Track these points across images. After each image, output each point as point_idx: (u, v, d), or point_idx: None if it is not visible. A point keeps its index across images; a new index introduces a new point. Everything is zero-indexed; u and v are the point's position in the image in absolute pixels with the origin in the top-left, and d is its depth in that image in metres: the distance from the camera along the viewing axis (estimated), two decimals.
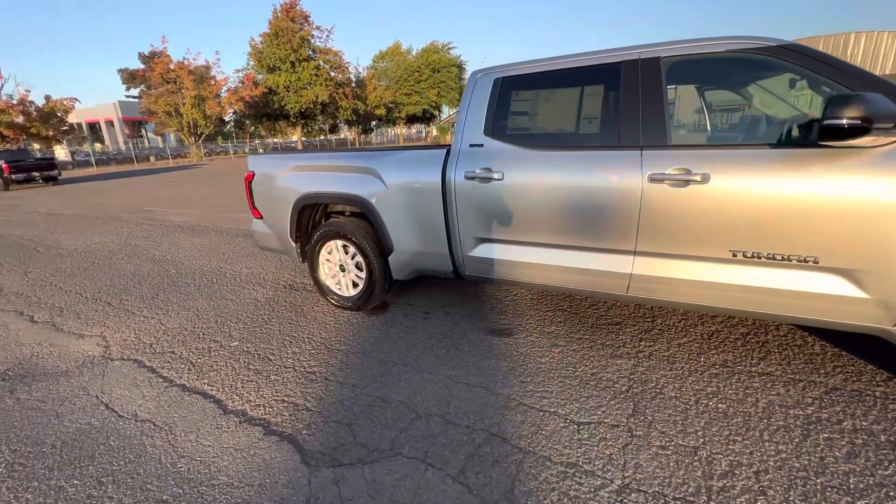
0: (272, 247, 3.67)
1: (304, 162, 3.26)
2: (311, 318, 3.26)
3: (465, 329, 2.97)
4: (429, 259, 2.90)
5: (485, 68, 2.63)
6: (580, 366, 2.44)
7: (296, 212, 3.28)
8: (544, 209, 2.35)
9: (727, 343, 2.59)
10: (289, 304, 3.57)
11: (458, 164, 2.59)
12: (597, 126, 2.31)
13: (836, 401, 2.02)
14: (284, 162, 3.35)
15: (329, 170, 3.13)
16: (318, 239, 3.27)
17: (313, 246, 3.31)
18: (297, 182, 3.24)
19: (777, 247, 1.92)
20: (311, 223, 3.50)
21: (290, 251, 3.49)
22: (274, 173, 3.37)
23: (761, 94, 2.41)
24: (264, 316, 3.35)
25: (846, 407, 1.98)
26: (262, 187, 3.47)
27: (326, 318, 3.24)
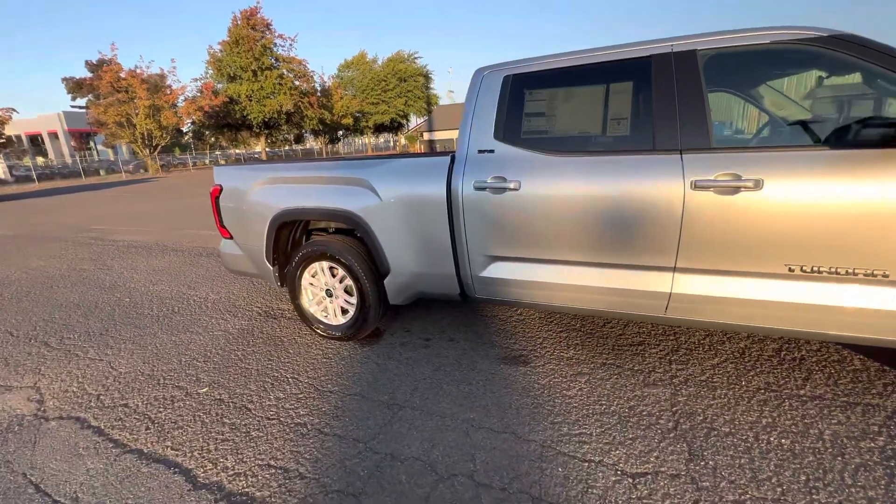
0: (245, 270, 3.22)
1: (282, 173, 2.85)
2: (294, 353, 2.83)
3: (473, 358, 2.63)
4: (432, 281, 2.55)
5: (491, 65, 2.33)
6: (613, 398, 2.15)
7: (273, 230, 2.85)
8: (569, 222, 2.07)
9: (762, 362, 2.38)
10: (267, 335, 3.12)
11: (465, 172, 2.27)
12: (626, 128, 2.06)
13: None
14: (257, 174, 2.92)
15: (311, 182, 2.74)
16: (300, 260, 2.85)
17: (295, 268, 2.90)
18: (273, 196, 2.82)
19: (840, 260, 1.70)
20: (291, 242, 3.08)
21: (267, 275, 3.05)
22: (245, 187, 2.94)
23: (814, 90, 2.24)
24: (238, 352, 2.89)
25: None
26: (232, 203, 3.02)
27: (313, 352, 2.82)
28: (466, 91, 2.38)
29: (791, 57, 1.93)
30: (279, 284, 3.06)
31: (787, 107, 2.37)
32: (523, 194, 2.13)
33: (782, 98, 2.34)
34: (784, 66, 2.13)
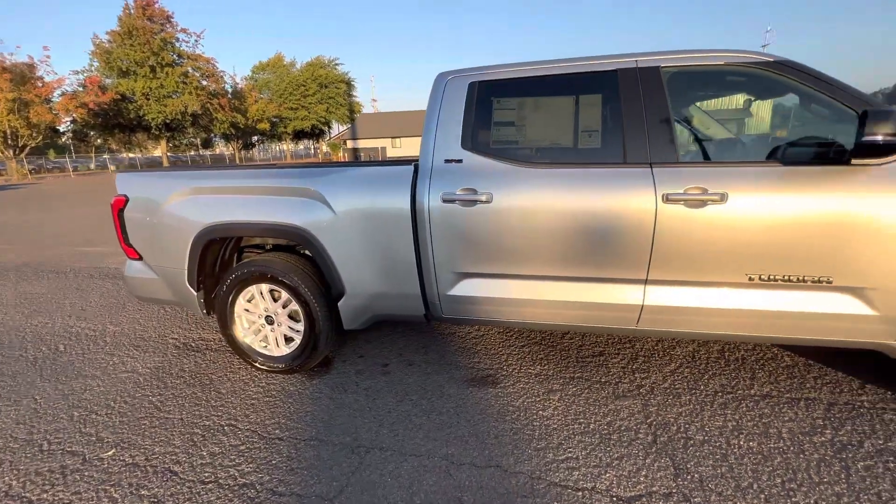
0: (158, 297, 2.69)
1: (210, 182, 2.42)
2: (227, 393, 2.39)
3: (439, 383, 2.44)
4: (394, 302, 2.32)
5: (455, 70, 2.20)
6: (590, 415, 2.10)
7: (197, 249, 2.41)
8: (544, 236, 1.99)
9: (712, 364, 2.52)
10: (189, 373, 2.62)
11: (431, 183, 2.10)
12: (598, 140, 2.05)
13: (841, 419, 1.99)
14: (177, 182, 2.46)
15: (248, 192, 2.36)
16: (232, 284, 2.44)
17: (226, 293, 2.47)
18: (198, 209, 2.39)
19: (793, 268, 1.83)
20: (220, 263, 2.64)
21: (188, 302, 2.58)
22: (161, 198, 2.45)
23: (762, 110, 2.42)
24: (154, 398, 2.37)
25: (853, 425, 1.95)
26: (142, 216, 2.51)
27: (251, 390, 2.41)
28: (429, 96, 2.21)
29: (742, 78, 2.07)
30: (204, 312, 2.60)
31: (740, 124, 2.57)
32: (496, 207, 2.01)
33: (736, 116, 2.54)
34: (735, 86, 2.30)
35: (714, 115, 2.58)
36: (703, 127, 2.56)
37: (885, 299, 1.78)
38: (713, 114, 2.58)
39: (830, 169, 1.74)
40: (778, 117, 2.89)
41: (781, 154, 1.91)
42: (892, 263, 1.73)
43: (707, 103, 2.78)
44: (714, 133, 2.65)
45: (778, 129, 2.84)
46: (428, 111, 2.21)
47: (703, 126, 2.57)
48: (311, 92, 43.66)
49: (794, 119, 2.63)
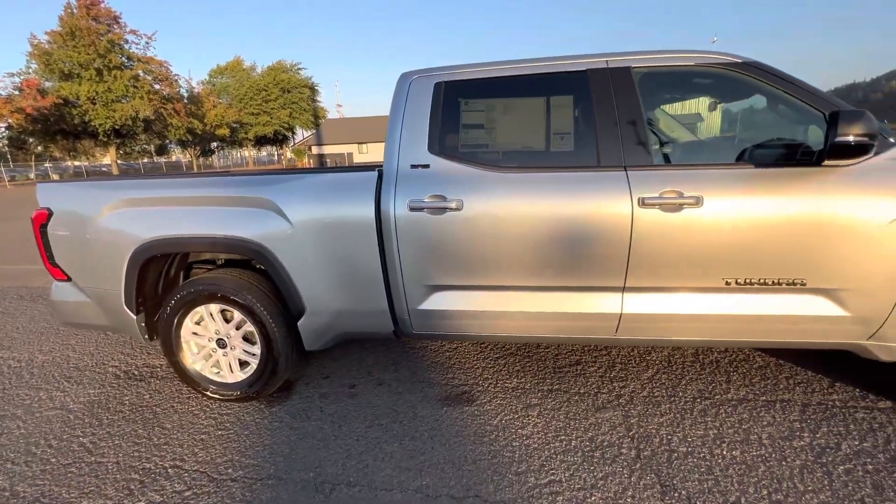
0: (90, 322, 2.39)
1: (148, 192, 2.17)
2: (173, 428, 2.14)
3: (411, 403, 2.28)
4: (359, 319, 2.15)
5: (419, 70, 2.07)
6: (571, 430, 2.00)
7: (135, 267, 2.15)
8: (519, 244, 1.88)
9: (687, 368, 2.49)
10: (130, 407, 2.33)
11: (397, 191, 1.95)
12: (570, 143, 1.97)
13: (816, 420, 1.99)
14: (110, 193, 2.19)
15: (193, 203, 2.13)
16: (178, 305, 2.19)
17: (170, 316, 2.21)
18: (136, 222, 2.13)
19: (768, 271, 1.80)
20: (163, 282, 2.38)
21: (126, 326, 2.30)
22: (91, 210, 2.18)
23: (734, 111, 2.41)
24: (85, 440, 2.08)
25: (829, 426, 1.95)
26: (70, 232, 2.22)
27: (201, 423, 2.17)
28: (393, 97, 2.07)
29: (711, 80, 2.04)
30: (146, 337, 2.33)
31: (713, 126, 2.57)
32: (466, 215, 1.88)
33: (707, 117, 2.53)
34: (704, 87, 2.28)
35: (692, 116, 2.57)
36: (672, 129, 2.55)
37: (857, 300, 1.78)
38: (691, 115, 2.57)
39: (802, 170, 1.72)
40: (727, 122, 2.94)
41: (749, 155, 1.89)
42: (863, 264, 1.73)
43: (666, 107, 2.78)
44: (683, 135, 2.65)
45: (728, 132, 2.89)
46: (391, 113, 2.07)
47: (672, 128, 2.56)
48: (273, 97, 42.44)
49: (746, 122, 2.67)
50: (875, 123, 1.52)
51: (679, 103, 2.76)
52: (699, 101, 2.64)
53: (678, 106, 2.85)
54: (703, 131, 3.16)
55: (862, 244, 1.71)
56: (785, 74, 1.82)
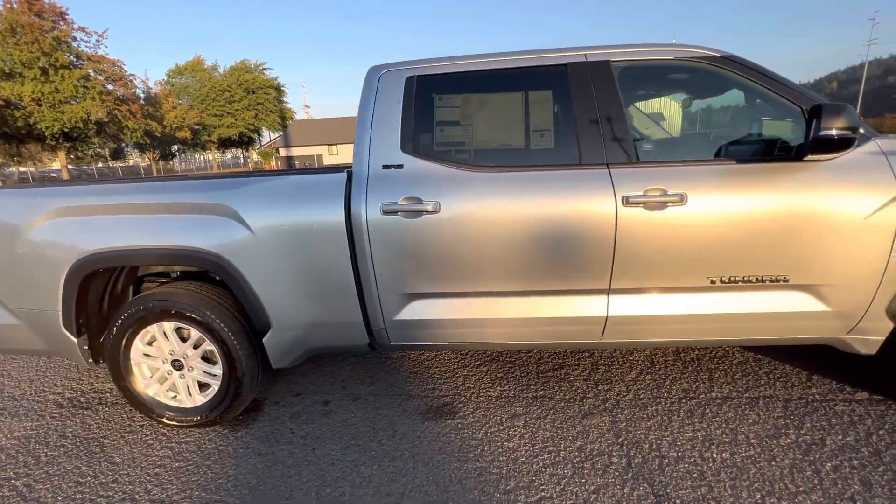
0: (22, 346, 2.14)
1: (85, 199, 1.94)
2: (124, 462, 1.91)
3: (390, 419, 2.14)
4: (331, 332, 1.99)
5: (389, 64, 1.94)
6: (558, 440, 1.92)
7: (74, 284, 1.92)
8: (500, 248, 1.78)
9: (669, 367, 2.46)
10: (74, 440, 2.09)
11: (368, 193, 1.81)
12: (551, 140, 1.88)
13: (799, 416, 1.98)
14: (42, 201, 1.95)
15: (141, 210, 1.91)
16: (126, 324, 1.97)
17: (118, 337, 1.99)
18: (73, 234, 1.90)
19: (752, 268, 1.77)
20: (108, 299, 2.14)
21: (68, 350, 2.06)
22: (19, 221, 1.93)
23: (698, 109, 2.39)
24: (19, 482, 1.83)
25: (812, 422, 1.94)
26: None
27: (156, 455, 1.95)
28: (361, 93, 1.93)
29: (689, 74, 2.00)
30: (90, 361, 2.09)
31: (691, 122, 2.55)
32: (445, 218, 1.76)
33: (686, 113, 2.51)
34: (682, 82, 2.25)
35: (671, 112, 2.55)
36: (649, 125, 2.52)
37: (837, 295, 1.78)
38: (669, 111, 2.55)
39: (783, 165, 1.70)
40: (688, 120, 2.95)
41: (729, 151, 1.86)
42: (843, 260, 1.72)
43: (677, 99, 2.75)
44: (660, 132, 2.62)
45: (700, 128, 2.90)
46: (360, 111, 1.92)
47: (649, 124, 2.53)
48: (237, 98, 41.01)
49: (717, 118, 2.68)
50: (856, 117, 1.50)
51: (643, 102, 2.73)
52: (661, 101, 2.63)
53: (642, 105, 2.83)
54: (669, 130, 3.17)
55: (841, 239, 1.70)
56: (762, 68, 1.80)
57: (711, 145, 2.27)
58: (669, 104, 2.88)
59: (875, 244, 1.70)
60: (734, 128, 2.24)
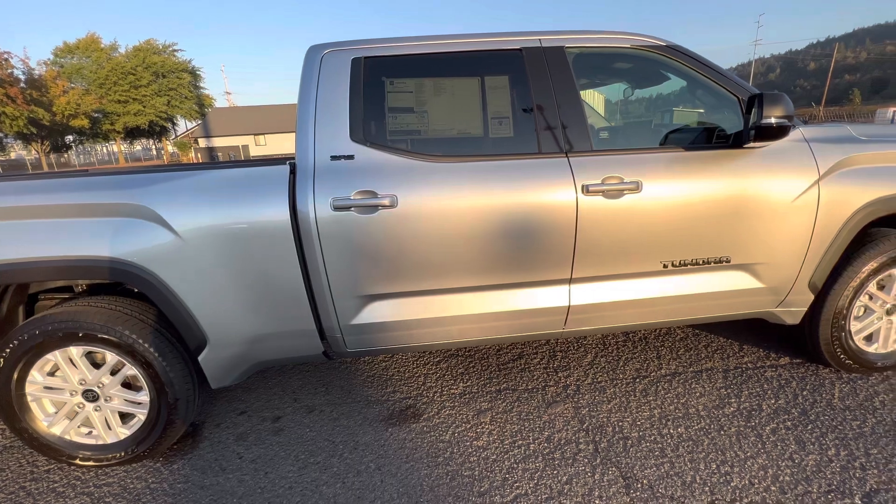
0: None
1: None
2: None
3: (351, 428, 2.00)
4: (281, 342, 1.79)
5: (333, 43, 1.75)
6: (527, 433, 1.90)
7: None
8: (461, 241, 1.70)
9: (620, 348, 2.56)
10: None
11: (315, 187, 1.63)
12: (510, 128, 1.81)
13: (738, 385, 2.15)
14: None
15: (28, 215, 1.56)
16: (16, 354, 1.62)
17: (7, 370, 1.63)
18: None
19: (699, 251, 1.86)
20: None
21: None
22: None
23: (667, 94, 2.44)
24: None
25: (749, 389, 2.11)
26: None
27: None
28: (301, 77, 1.72)
29: (638, 62, 2.04)
30: None
31: (640, 110, 2.61)
32: (402, 212, 1.64)
33: (634, 101, 2.57)
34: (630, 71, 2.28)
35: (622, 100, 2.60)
36: (597, 115, 2.56)
37: (770, 273, 1.92)
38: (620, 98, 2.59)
39: (726, 152, 1.79)
40: (632, 108, 3.10)
41: (677, 139, 1.93)
42: (773, 240, 1.86)
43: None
44: (596, 121, 2.68)
45: (645, 116, 3.06)
46: (301, 95, 1.72)
47: (603, 112, 2.57)
48: (145, 82, 36.76)
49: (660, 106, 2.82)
50: (791, 105, 1.61)
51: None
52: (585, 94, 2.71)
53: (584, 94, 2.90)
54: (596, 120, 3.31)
55: (773, 221, 1.83)
56: (703, 59, 1.87)
57: (654, 133, 2.36)
58: (594, 96, 2.97)
59: (800, 225, 1.85)
60: (669, 118, 2.35)
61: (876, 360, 2.11)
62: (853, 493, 1.50)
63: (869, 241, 1.97)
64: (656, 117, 2.86)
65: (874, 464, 1.62)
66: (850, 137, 1.89)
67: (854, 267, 1.95)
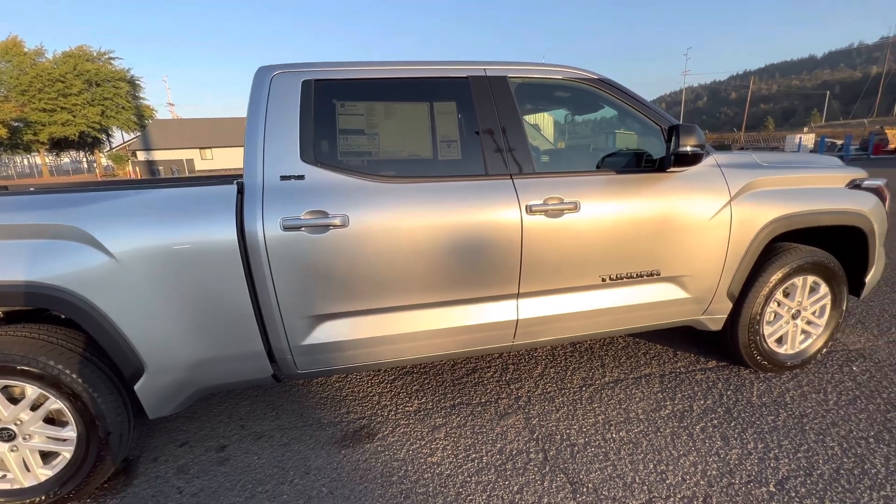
0: None
1: None
2: None
3: (302, 453, 1.95)
4: (226, 367, 1.73)
5: (283, 65, 1.77)
6: (480, 446, 1.95)
7: None
8: (413, 260, 1.74)
9: (569, 359, 2.69)
10: None
11: (265, 207, 1.62)
12: (458, 151, 1.90)
13: (672, 388, 2.32)
14: None
15: None
16: None
17: None
18: None
19: (633, 266, 2.02)
20: None
21: None
22: None
23: (573, 122, 2.62)
24: None
25: (682, 392, 2.29)
26: None
27: None
28: (249, 97, 1.72)
29: (572, 93, 2.21)
30: None
31: (577, 135, 2.79)
32: (354, 232, 1.66)
33: (570, 127, 2.75)
34: (565, 100, 2.47)
35: (557, 126, 2.78)
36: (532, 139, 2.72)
37: (694, 284, 2.12)
38: (555, 125, 2.77)
39: (652, 176, 1.97)
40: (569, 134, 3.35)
41: (610, 162, 2.10)
42: (695, 254, 2.06)
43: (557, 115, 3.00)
44: (541, 144, 2.87)
45: (583, 141, 3.30)
46: (250, 115, 1.72)
47: (532, 138, 2.74)
48: (76, 90, 34.25)
49: (595, 132, 3.07)
50: (703, 136, 1.82)
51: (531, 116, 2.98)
52: (538, 116, 2.90)
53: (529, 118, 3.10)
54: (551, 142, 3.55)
55: (695, 237, 2.04)
56: (630, 91, 2.07)
57: (591, 157, 2.55)
58: (536, 118, 3.18)
59: (717, 240, 2.07)
60: (595, 141, 2.56)
61: (786, 359, 2.37)
62: (768, 482, 1.67)
63: (774, 254, 2.24)
64: (601, 139, 3.10)
65: (785, 454, 1.81)
66: (754, 164, 2.15)
67: (763, 277, 2.20)
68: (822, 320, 2.41)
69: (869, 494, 1.59)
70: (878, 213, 2.32)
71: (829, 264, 2.28)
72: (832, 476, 1.68)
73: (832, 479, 1.67)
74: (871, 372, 2.38)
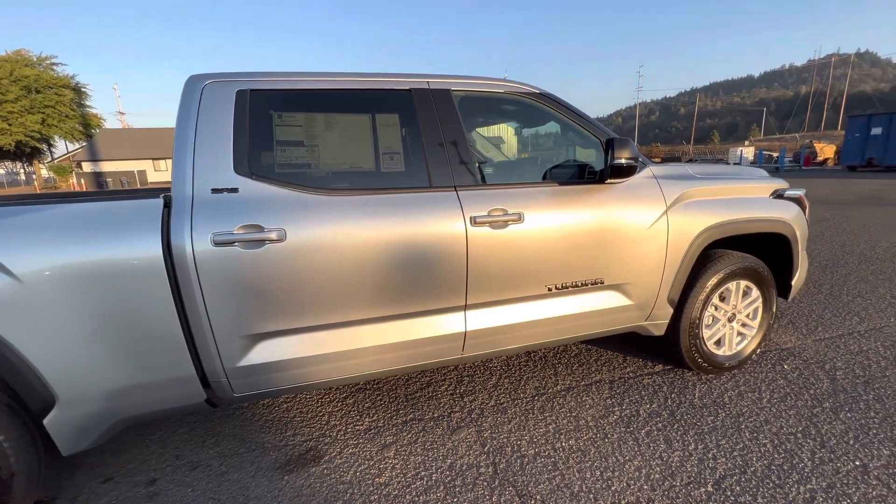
0: None
1: None
2: None
3: (241, 482, 1.83)
4: (152, 394, 1.61)
5: (214, 74, 1.70)
6: (430, 463, 1.90)
7: None
8: (355, 274, 1.70)
9: (523, 368, 2.70)
10: None
11: (194, 222, 1.53)
12: (401, 163, 1.88)
13: (620, 394, 2.37)
14: None
15: None
16: None
17: None
18: None
19: (577, 275, 2.06)
20: None
21: None
22: None
23: (537, 134, 2.67)
24: None
25: (629, 397, 2.34)
26: None
27: None
28: (178, 106, 1.64)
29: (515, 106, 2.26)
30: None
31: (540, 147, 2.84)
32: (292, 246, 1.60)
33: (513, 140, 2.80)
34: (509, 113, 2.51)
35: (500, 139, 2.82)
36: (487, 150, 2.76)
37: (636, 291, 2.19)
38: (499, 138, 2.82)
39: (592, 187, 2.03)
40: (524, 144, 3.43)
41: (552, 174, 2.16)
42: (636, 262, 2.13)
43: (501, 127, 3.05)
44: (497, 156, 2.91)
45: (530, 153, 3.39)
46: (179, 126, 1.63)
47: (487, 149, 2.78)
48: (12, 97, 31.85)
49: (541, 144, 3.15)
50: (636, 149, 1.89)
51: (484, 127, 3.03)
52: (500, 127, 2.95)
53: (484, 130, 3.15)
54: (506, 153, 3.62)
55: (634, 246, 2.11)
56: (570, 105, 2.14)
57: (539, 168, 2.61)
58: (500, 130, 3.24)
59: (656, 248, 2.15)
60: (556, 153, 2.64)
61: (724, 361, 2.48)
62: (707, 482, 1.72)
63: (710, 260, 2.35)
64: (562, 150, 3.17)
65: (723, 453, 1.88)
66: (687, 175, 2.27)
67: (700, 283, 2.30)
68: (755, 322, 2.54)
69: (797, 489, 1.67)
70: (800, 221, 2.49)
71: (759, 269, 2.42)
72: (764, 472, 1.76)
73: (764, 475, 1.74)
74: (801, 370, 2.53)
